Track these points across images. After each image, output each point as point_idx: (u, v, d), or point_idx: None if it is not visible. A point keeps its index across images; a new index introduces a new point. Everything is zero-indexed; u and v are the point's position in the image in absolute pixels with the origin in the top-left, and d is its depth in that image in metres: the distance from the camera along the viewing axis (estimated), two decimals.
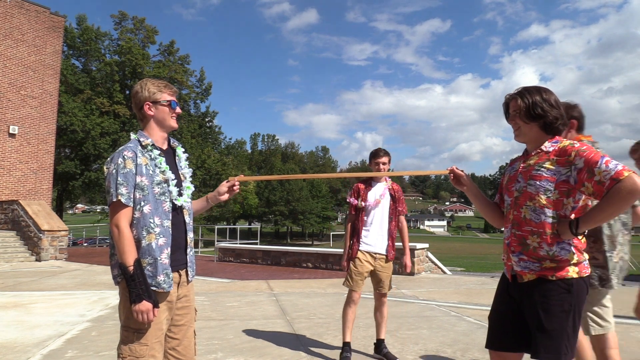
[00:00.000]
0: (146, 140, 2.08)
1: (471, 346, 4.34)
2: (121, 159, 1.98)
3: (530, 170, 2.03)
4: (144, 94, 2.11)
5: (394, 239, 4.06)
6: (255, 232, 25.58)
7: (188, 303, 2.20)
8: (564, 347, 1.91)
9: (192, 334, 2.23)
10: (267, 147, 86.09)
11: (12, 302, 6.64)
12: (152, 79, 2.20)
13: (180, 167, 2.21)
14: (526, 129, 2.07)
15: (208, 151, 38.76)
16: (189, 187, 2.20)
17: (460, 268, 19.78)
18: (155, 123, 2.14)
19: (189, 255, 2.18)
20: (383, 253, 3.97)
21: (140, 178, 1.99)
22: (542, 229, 1.98)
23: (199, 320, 5.41)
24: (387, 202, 4.03)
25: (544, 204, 1.97)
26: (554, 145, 2.01)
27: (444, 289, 8.38)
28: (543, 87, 2.09)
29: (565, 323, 1.93)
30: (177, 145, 2.27)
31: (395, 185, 4.14)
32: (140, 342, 1.96)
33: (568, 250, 1.97)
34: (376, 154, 4.03)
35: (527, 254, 2.01)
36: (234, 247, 14.51)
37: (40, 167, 17.14)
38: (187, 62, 37.89)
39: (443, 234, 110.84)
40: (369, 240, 3.96)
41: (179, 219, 2.12)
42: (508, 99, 2.15)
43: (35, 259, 13.61)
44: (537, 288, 1.98)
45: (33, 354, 4.09)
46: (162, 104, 2.12)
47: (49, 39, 17.56)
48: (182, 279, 2.14)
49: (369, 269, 3.93)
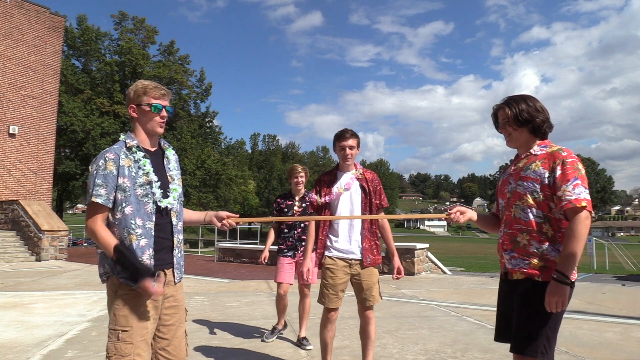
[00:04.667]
0: (131, 142, 2.09)
1: (471, 346, 4.34)
2: (102, 160, 2.00)
3: (519, 172, 2.17)
4: (130, 95, 2.13)
5: (374, 239, 3.29)
6: (255, 232, 25.53)
7: (176, 303, 2.19)
8: (542, 347, 1.99)
9: (183, 334, 2.22)
10: (267, 147, 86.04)
11: (12, 302, 6.64)
12: (146, 81, 2.17)
13: (169, 169, 2.19)
14: (516, 134, 2.19)
15: (208, 151, 38.74)
16: (176, 189, 2.18)
17: (460, 268, 19.76)
18: (139, 125, 2.14)
19: (176, 256, 2.17)
20: (358, 257, 3.22)
21: (122, 179, 2.00)
22: (530, 227, 2.08)
23: (199, 320, 5.43)
24: (357, 194, 3.27)
25: (531, 204, 2.09)
26: (542, 150, 2.15)
27: (444, 289, 8.37)
28: (527, 95, 2.23)
29: (546, 324, 2.00)
30: (168, 147, 2.26)
31: (368, 174, 3.36)
32: (125, 341, 1.97)
33: (558, 252, 2.04)
34: (341, 136, 3.27)
35: (517, 251, 2.12)
36: (234, 247, 14.52)
37: (40, 167, 17.14)
38: (187, 62, 37.90)
39: (443, 234, 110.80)
40: (340, 245, 3.23)
41: (164, 220, 2.12)
42: (496, 109, 2.28)
43: (35, 259, 13.61)
44: (523, 287, 2.08)
45: (33, 354, 4.09)
46: (144, 107, 2.10)
47: (49, 39, 17.55)
48: (168, 278, 2.14)
49: (344, 280, 3.23)
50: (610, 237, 78.26)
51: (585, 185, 2.00)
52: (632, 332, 4.95)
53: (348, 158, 3.27)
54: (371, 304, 3.25)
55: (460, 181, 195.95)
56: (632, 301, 7.07)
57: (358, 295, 3.28)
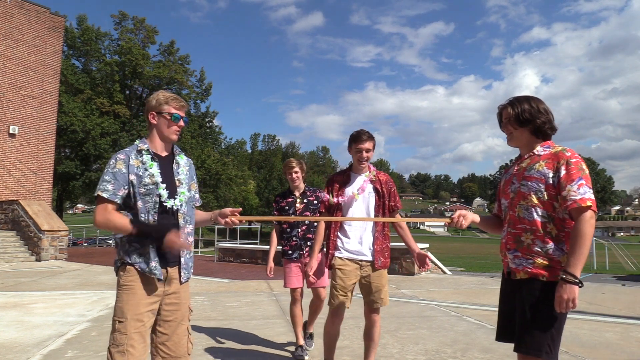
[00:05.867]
0: (142, 146, 2.24)
1: (471, 346, 4.34)
2: (113, 160, 2.18)
3: (523, 172, 2.18)
4: (152, 103, 2.28)
5: (386, 242, 3.29)
6: (255, 232, 25.52)
7: (178, 300, 2.26)
8: (547, 346, 2.00)
9: (184, 332, 2.28)
10: (267, 147, 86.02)
11: (12, 302, 6.64)
12: (167, 92, 2.34)
13: (177, 173, 2.31)
14: (517, 134, 2.22)
15: (208, 151, 38.77)
16: (184, 193, 2.28)
17: (460, 268, 19.74)
18: (156, 131, 2.29)
19: (184, 257, 2.26)
20: (369, 259, 3.21)
21: (132, 177, 2.16)
22: (535, 227, 2.09)
23: (199, 320, 5.43)
24: (371, 197, 3.24)
25: (535, 203, 2.09)
26: (545, 150, 2.16)
27: (444, 289, 8.37)
28: (532, 96, 2.25)
29: (550, 324, 2.01)
30: (179, 154, 2.39)
31: (382, 176, 3.35)
32: (120, 331, 2.07)
33: (563, 252, 2.05)
34: (358, 138, 3.22)
35: (521, 250, 2.12)
36: (234, 247, 14.52)
37: (40, 167, 17.14)
38: (187, 62, 37.91)
39: (443, 234, 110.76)
40: (350, 246, 3.21)
41: (170, 221, 2.22)
42: (501, 109, 2.30)
43: (35, 259, 13.61)
44: (528, 287, 2.08)
45: (33, 354, 4.09)
46: (164, 116, 2.26)
47: (49, 39, 17.55)
48: (172, 275, 2.23)
49: (354, 281, 3.21)
50: (610, 237, 78.21)
51: (589, 185, 2.02)
52: (632, 332, 4.95)
53: (364, 161, 3.24)
54: (379, 306, 3.22)
55: (460, 181, 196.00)
56: (632, 301, 7.07)
57: (366, 297, 3.24)
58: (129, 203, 2.16)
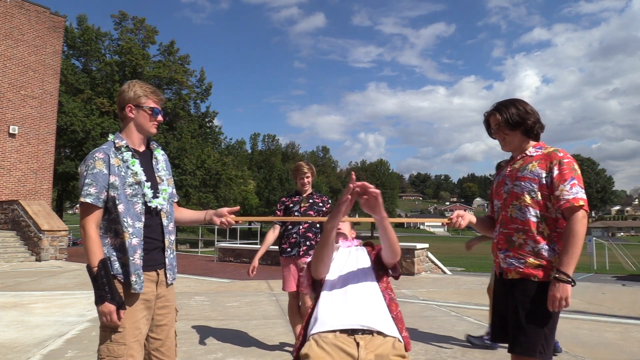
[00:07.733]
0: (120, 142, 2.07)
1: (471, 346, 4.34)
2: (91, 160, 1.99)
3: (516, 173, 2.18)
4: (129, 94, 2.11)
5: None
6: (255, 232, 25.52)
7: (168, 303, 2.17)
8: (541, 347, 2.00)
9: (174, 335, 2.21)
10: (267, 147, 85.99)
11: (12, 302, 6.63)
12: (142, 82, 2.17)
13: (157, 169, 2.18)
14: (510, 138, 2.23)
15: (208, 151, 38.72)
16: (166, 190, 2.16)
17: (460, 268, 19.74)
18: (134, 126, 2.13)
19: (168, 257, 2.15)
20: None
21: (113, 178, 1.99)
22: (527, 227, 2.09)
23: (199, 320, 5.43)
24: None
25: (528, 203, 2.10)
26: (538, 151, 2.18)
27: (444, 289, 8.37)
28: (516, 99, 2.27)
29: (543, 324, 2.02)
30: (156, 148, 2.24)
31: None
32: (118, 342, 1.94)
33: (554, 252, 2.06)
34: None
35: (512, 250, 2.13)
36: (234, 247, 14.51)
37: (40, 167, 17.13)
38: (187, 62, 37.89)
39: (443, 234, 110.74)
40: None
41: (154, 221, 2.10)
42: (487, 116, 2.30)
43: (35, 259, 13.61)
44: (520, 287, 2.08)
45: (33, 354, 4.09)
46: (144, 110, 2.11)
47: (49, 39, 17.55)
48: (160, 278, 2.12)
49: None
50: (610, 237, 78.08)
51: (581, 185, 2.04)
52: (632, 332, 4.95)
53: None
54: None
55: (460, 181, 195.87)
56: (632, 301, 7.07)
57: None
58: (108, 207, 2.00)
